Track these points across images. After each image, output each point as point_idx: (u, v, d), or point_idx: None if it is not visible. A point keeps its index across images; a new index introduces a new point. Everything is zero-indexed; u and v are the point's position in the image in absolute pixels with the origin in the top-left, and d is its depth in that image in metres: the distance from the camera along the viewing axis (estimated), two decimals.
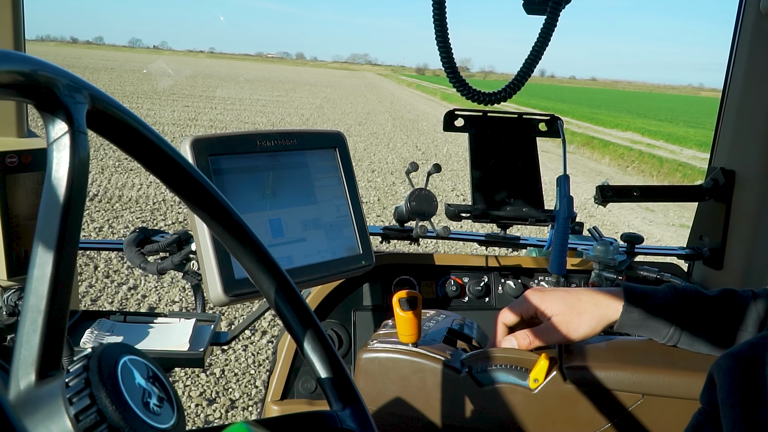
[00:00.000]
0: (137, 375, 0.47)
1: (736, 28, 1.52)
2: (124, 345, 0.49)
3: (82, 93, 0.50)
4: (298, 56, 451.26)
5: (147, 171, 0.60)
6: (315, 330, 0.64)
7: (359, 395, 0.63)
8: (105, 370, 0.44)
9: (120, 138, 0.55)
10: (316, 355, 0.63)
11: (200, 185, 0.61)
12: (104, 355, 0.45)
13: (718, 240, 1.54)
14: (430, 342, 1.10)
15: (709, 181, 1.56)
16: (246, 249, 0.63)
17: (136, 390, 0.46)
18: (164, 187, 0.65)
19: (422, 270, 1.53)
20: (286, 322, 0.65)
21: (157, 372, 0.50)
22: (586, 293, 1.07)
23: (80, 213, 0.48)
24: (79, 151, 0.48)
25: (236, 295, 1.07)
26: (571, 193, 1.40)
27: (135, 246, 1.28)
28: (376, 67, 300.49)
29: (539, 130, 1.57)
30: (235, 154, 1.14)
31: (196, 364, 1.21)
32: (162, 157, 0.58)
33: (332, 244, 1.25)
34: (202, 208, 0.62)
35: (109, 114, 0.53)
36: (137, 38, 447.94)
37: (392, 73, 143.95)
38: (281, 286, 0.64)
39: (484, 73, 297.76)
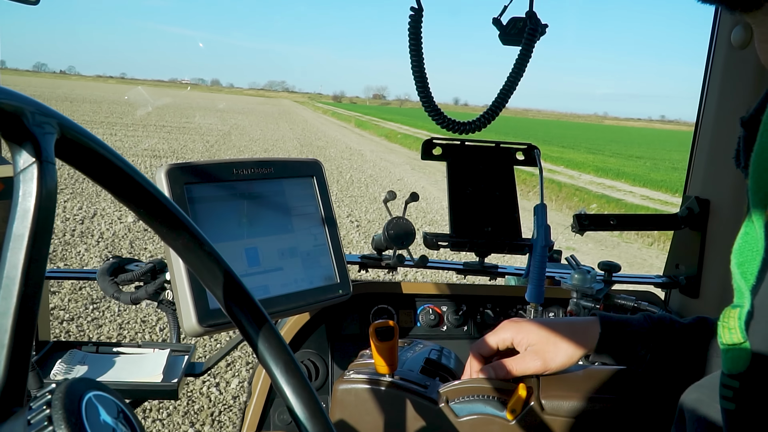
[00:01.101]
0: (102, 411, 0.46)
1: (708, 59, 1.54)
2: (90, 380, 0.48)
3: (51, 122, 0.49)
4: (213, 83, 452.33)
5: (118, 201, 0.59)
6: (287, 362, 0.63)
7: (333, 430, 0.62)
8: (68, 407, 0.43)
9: (90, 168, 0.54)
10: (289, 388, 0.62)
11: (172, 214, 0.60)
12: (68, 391, 0.44)
13: (693, 268, 1.56)
14: (407, 372, 1.09)
15: (684, 210, 1.57)
16: (217, 279, 0.62)
17: (101, 427, 0.45)
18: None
19: (400, 299, 1.53)
20: (259, 354, 0.63)
21: (124, 408, 0.49)
22: (562, 323, 1.07)
23: (47, 245, 0.47)
24: (47, 182, 0.47)
25: (211, 326, 1.05)
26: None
27: (108, 275, 1.27)
28: (293, 94, 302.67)
29: (516, 159, 1.58)
30: (211, 183, 1.14)
31: (170, 396, 1.18)
32: (133, 186, 0.57)
33: (309, 273, 1.24)
34: (173, 237, 0.61)
35: (79, 143, 0.52)
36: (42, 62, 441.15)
37: (309, 100, 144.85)
38: (253, 317, 0.63)
39: (400, 101, 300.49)
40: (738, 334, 0.62)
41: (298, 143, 21.36)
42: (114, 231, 7.07)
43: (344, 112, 63.24)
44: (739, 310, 0.62)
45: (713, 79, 1.51)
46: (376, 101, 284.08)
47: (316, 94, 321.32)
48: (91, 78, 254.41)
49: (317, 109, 71.33)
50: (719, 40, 1.49)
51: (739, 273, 0.62)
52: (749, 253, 0.61)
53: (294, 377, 0.62)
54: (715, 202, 1.51)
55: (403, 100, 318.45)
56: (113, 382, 1.17)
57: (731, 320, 0.62)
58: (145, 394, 1.20)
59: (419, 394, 1.03)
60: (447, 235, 1.51)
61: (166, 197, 0.59)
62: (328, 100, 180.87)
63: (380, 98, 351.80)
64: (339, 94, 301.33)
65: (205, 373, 1.31)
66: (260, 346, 0.63)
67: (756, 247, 0.61)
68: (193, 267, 0.63)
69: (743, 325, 0.62)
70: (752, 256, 0.61)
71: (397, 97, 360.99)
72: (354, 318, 1.48)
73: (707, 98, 1.54)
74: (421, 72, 1.19)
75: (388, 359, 1.03)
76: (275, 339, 0.63)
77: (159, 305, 1.28)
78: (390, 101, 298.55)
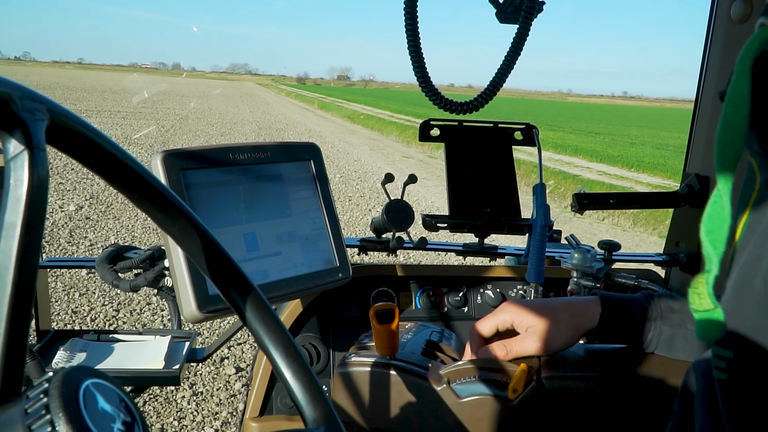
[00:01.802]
0: (101, 399, 0.46)
1: (707, 34, 1.53)
2: (88, 368, 0.47)
3: (40, 108, 0.49)
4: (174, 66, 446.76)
5: (112, 187, 0.58)
6: (287, 346, 0.62)
7: (334, 413, 0.62)
8: (66, 395, 0.43)
9: (82, 154, 0.54)
10: (290, 372, 0.62)
11: (167, 200, 0.59)
12: (65, 380, 0.44)
13: (694, 246, 1.55)
14: (408, 354, 1.09)
15: (684, 188, 1.56)
16: (214, 264, 0.62)
17: (100, 415, 0.45)
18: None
19: (400, 281, 1.52)
20: (258, 339, 0.63)
21: (123, 395, 0.49)
22: (562, 303, 1.07)
23: (40, 232, 0.47)
24: (38, 169, 0.47)
25: (211, 311, 1.05)
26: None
27: (107, 263, 1.26)
28: (256, 76, 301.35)
29: (515, 138, 1.58)
30: (207, 168, 1.13)
31: (172, 382, 1.19)
32: (126, 172, 0.56)
33: (308, 258, 1.24)
34: (169, 223, 0.60)
35: (70, 129, 0.52)
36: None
37: (272, 82, 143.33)
38: (251, 302, 0.63)
39: (365, 81, 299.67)
40: (707, 300, 0.63)
41: (257, 126, 20.98)
42: (54, 220, 6.93)
43: (308, 94, 62.52)
44: (707, 275, 0.64)
45: (713, 54, 1.50)
46: (341, 82, 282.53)
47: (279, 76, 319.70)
48: (47, 64, 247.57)
49: (280, 92, 70.62)
50: (719, 15, 1.47)
51: (708, 240, 0.64)
52: (717, 221, 0.64)
53: (294, 361, 0.62)
54: (714, 179, 1.51)
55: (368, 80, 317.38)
56: (115, 369, 1.17)
57: (700, 286, 0.64)
58: (147, 381, 1.20)
59: (420, 376, 1.03)
60: (446, 216, 1.51)
61: (161, 182, 0.58)
62: (291, 82, 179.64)
63: (345, 79, 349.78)
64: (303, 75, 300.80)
65: (207, 359, 1.31)
66: (259, 331, 0.63)
67: (723, 215, 0.64)
68: (189, 252, 0.62)
69: (711, 290, 0.63)
70: (720, 223, 0.64)
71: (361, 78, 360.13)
72: (354, 301, 1.48)
73: (707, 74, 1.53)
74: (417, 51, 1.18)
75: (388, 342, 1.03)
76: (274, 323, 0.63)
77: (158, 292, 1.28)
78: (355, 82, 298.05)
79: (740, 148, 0.64)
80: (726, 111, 0.64)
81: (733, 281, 0.66)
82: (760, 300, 0.62)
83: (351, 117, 30.71)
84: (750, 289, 0.63)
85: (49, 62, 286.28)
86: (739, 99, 0.63)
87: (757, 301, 0.62)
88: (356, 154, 15.66)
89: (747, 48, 0.63)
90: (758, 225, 0.65)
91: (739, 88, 0.63)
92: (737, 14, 1.40)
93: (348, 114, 32.59)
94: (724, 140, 0.64)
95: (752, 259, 0.63)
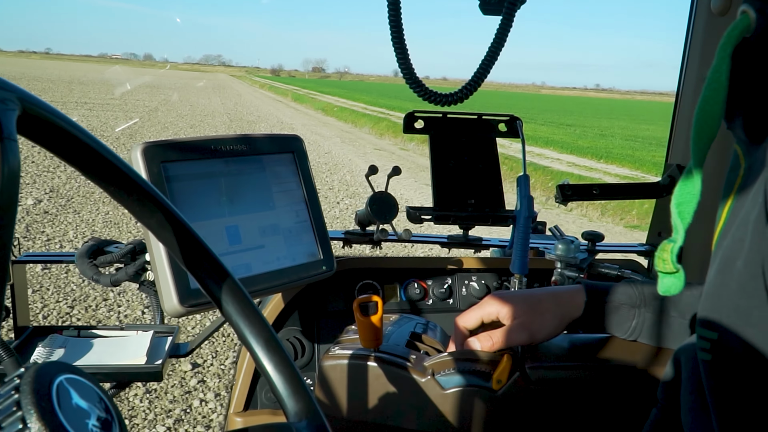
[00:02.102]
0: (75, 395, 0.45)
1: (688, 27, 1.53)
2: (61, 363, 0.46)
3: (11, 97, 0.47)
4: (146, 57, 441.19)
5: (87, 178, 0.57)
6: (268, 339, 0.62)
7: (316, 406, 0.61)
8: (38, 391, 0.42)
9: (55, 144, 0.53)
10: (271, 365, 0.61)
11: (144, 191, 0.58)
12: (37, 375, 0.43)
13: None
14: (392, 347, 1.09)
15: (666, 178, 1.57)
16: (193, 257, 0.61)
17: (74, 411, 0.44)
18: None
19: (385, 274, 1.52)
20: (239, 333, 0.62)
21: (99, 391, 0.48)
22: (547, 293, 1.07)
23: (11, 225, 0.46)
24: (9, 160, 0.45)
25: (193, 306, 1.04)
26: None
27: (87, 258, 1.24)
28: (229, 68, 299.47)
29: (499, 130, 1.57)
30: (188, 161, 1.12)
31: (154, 378, 1.17)
32: (101, 163, 0.55)
33: (292, 251, 1.23)
34: (147, 215, 0.59)
35: (43, 119, 0.51)
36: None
37: (246, 74, 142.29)
38: (232, 295, 0.62)
39: (340, 73, 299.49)
40: (670, 265, 0.69)
41: (228, 119, 20.74)
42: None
43: (282, 86, 62.10)
44: (673, 245, 0.69)
45: (693, 46, 1.50)
46: (316, 74, 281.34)
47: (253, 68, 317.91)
48: (12, 54, 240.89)
49: (254, 83, 70.04)
50: (699, 8, 1.47)
51: (677, 212, 0.70)
52: (687, 196, 0.69)
53: (275, 355, 0.61)
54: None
55: (343, 72, 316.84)
56: (96, 365, 1.15)
57: (665, 253, 0.70)
58: (128, 377, 1.19)
59: (404, 368, 1.02)
60: (430, 208, 1.50)
61: (137, 173, 0.57)
62: (266, 74, 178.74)
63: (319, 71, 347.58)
64: (277, 67, 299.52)
65: (190, 353, 1.30)
66: (240, 324, 0.62)
67: (692, 191, 0.69)
68: (168, 245, 0.61)
69: (674, 258, 0.69)
70: (689, 198, 0.69)
71: (336, 70, 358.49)
72: (339, 294, 1.48)
73: (688, 66, 1.53)
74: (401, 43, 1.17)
75: (372, 334, 1.02)
76: (255, 316, 0.62)
77: (140, 287, 1.27)
78: (329, 74, 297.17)
79: (714, 130, 0.67)
80: (704, 94, 0.66)
81: (717, 264, 0.68)
82: (741, 281, 0.64)
83: (324, 109, 30.57)
84: (732, 271, 0.65)
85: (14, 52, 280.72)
86: (717, 84, 0.65)
87: (739, 282, 0.64)
88: (327, 146, 15.57)
89: (728, 35, 0.66)
90: (741, 209, 0.67)
91: (718, 74, 0.65)
92: (717, 7, 1.39)
93: (322, 106, 32.44)
94: (700, 122, 0.67)
95: (734, 241, 0.65)
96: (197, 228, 0.63)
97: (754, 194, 0.65)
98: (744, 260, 0.63)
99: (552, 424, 1.03)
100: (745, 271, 0.63)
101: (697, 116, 0.67)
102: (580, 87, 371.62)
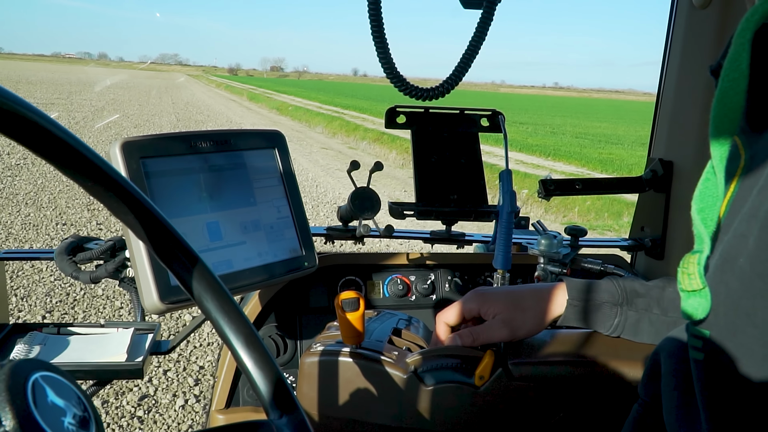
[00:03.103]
0: (50, 392, 0.44)
1: (669, 21, 1.54)
2: (37, 360, 0.46)
3: None
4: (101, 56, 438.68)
5: (63, 174, 0.56)
6: (248, 336, 0.61)
7: (297, 403, 0.61)
8: (12, 389, 0.41)
9: (28, 138, 0.52)
10: (251, 361, 0.61)
11: (122, 187, 0.57)
12: (12, 373, 0.42)
13: (658, 230, 1.57)
14: (375, 343, 1.08)
15: (648, 173, 1.58)
16: (172, 253, 0.60)
17: (49, 408, 0.43)
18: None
19: (367, 270, 1.52)
20: (219, 329, 0.62)
21: (75, 389, 0.47)
22: (529, 290, 1.07)
23: None
24: None
25: (173, 302, 1.03)
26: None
27: (67, 254, 1.23)
28: (186, 67, 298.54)
29: (481, 125, 1.57)
30: (168, 156, 1.11)
31: (135, 375, 1.16)
32: (76, 157, 0.54)
33: (273, 247, 1.22)
34: (123, 210, 0.58)
35: (14, 113, 0.50)
36: None
37: (203, 74, 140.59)
38: (211, 291, 0.61)
39: (298, 72, 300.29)
40: (697, 280, 0.62)
41: (175, 118, 20.52)
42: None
43: (239, 86, 61.85)
44: (699, 255, 0.62)
45: (675, 40, 1.51)
46: (274, 73, 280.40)
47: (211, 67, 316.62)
48: None
49: (210, 83, 69.60)
50: (680, 2, 1.48)
51: (699, 219, 0.63)
52: (709, 199, 0.63)
53: (254, 351, 0.61)
54: (678, 164, 1.52)
55: (301, 71, 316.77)
56: (75, 363, 1.14)
57: (691, 266, 0.63)
58: (109, 375, 1.18)
59: (387, 364, 1.02)
60: (413, 204, 1.50)
61: (113, 168, 0.56)
62: (223, 73, 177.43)
63: (278, 70, 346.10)
64: (235, 66, 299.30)
65: (171, 351, 1.29)
66: (219, 321, 0.62)
67: (715, 193, 0.62)
68: (146, 241, 0.61)
69: (702, 270, 0.62)
70: (712, 201, 0.62)
71: (294, 69, 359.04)
72: (321, 291, 1.47)
73: (669, 60, 1.54)
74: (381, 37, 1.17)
75: (354, 330, 1.02)
76: (234, 312, 0.62)
77: (120, 283, 1.25)
78: (288, 73, 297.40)
79: (736, 123, 0.62)
80: (722, 85, 0.61)
81: (716, 259, 0.64)
82: (744, 279, 0.60)
83: (279, 108, 30.43)
84: (734, 268, 0.61)
85: None
86: (737, 73, 0.61)
87: (741, 280, 0.60)
88: None
89: (747, 20, 0.61)
90: (743, 203, 0.62)
91: (737, 62, 0.61)
92: (699, 0, 1.40)
93: (276, 105, 32.30)
94: (720, 115, 0.62)
95: (737, 237, 0.61)
96: (177, 224, 0.62)
97: (761, 188, 0.60)
98: (748, 258, 0.59)
99: (535, 420, 1.03)
100: (750, 269, 0.59)
101: (716, 110, 0.62)
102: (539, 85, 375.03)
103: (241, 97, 41.56)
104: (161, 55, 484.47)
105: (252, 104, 35.10)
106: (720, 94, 0.61)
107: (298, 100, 39.06)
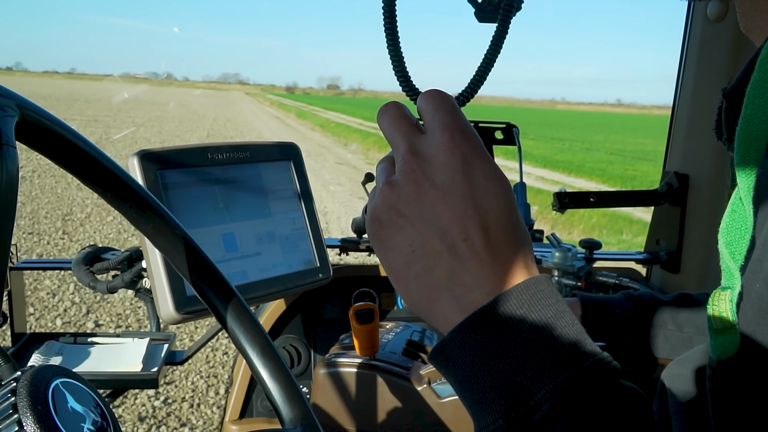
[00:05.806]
0: (71, 398, 0.45)
1: (684, 34, 1.54)
2: (58, 367, 0.46)
3: (10, 104, 0.47)
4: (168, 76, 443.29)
5: (85, 185, 0.57)
6: (264, 346, 0.62)
7: (311, 413, 0.61)
8: (34, 395, 0.42)
9: (54, 151, 0.53)
10: (266, 371, 0.61)
11: (142, 199, 0.59)
12: (33, 379, 0.43)
13: (674, 243, 1.56)
14: (389, 354, 1.09)
15: (664, 186, 1.57)
16: (189, 263, 0.61)
17: (69, 414, 0.44)
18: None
19: (381, 281, 1.52)
20: (235, 340, 0.62)
21: (94, 395, 0.48)
22: None
23: (9, 231, 0.46)
24: (8, 166, 0.46)
25: (189, 313, 1.04)
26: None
27: (84, 264, 1.24)
28: (246, 86, 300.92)
29: (495, 138, 1.58)
30: (185, 168, 1.12)
31: (150, 385, 1.17)
32: (99, 170, 0.55)
33: (288, 258, 1.23)
34: (143, 221, 0.60)
35: (41, 126, 0.51)
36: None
37: (261, 92, 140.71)
38: (228, 302, 0.62)
39: (354, 90, 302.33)
40: (729, 318, 0.59)
41: (206, 135, 20.61)
42: None
43: (291, 103, 62.09)
44: (730, 292, 0.59)
45: (690, 53, 1.51)
46: (330, 91, 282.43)
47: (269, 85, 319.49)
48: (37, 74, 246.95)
49: (265, 101, 69.91)
50: (695, 15, 1.48)
51: (728, 253, 0.59)
52: (737, 232, 0.59)
53: (270, 361, 0.61)
54: (694, 177, 1.52)
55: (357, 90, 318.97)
56: (92, 372, 1.15)
57: (722, 303, 0.59)
58: (124, 384, 1.19)
59: (401, 376, 1.02)
60: None
61: (134, 180, 0.57)
62: (281, 92, 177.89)
63: (334, 88, 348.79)
64: (292, 85, 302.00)
65: (186, 361, 1.30)
66: (236, 331, 0.62)
67: (744, 225, 0.59)
68: (165, 252, 0.62)
69: (734, 307, 0.58)
70: (741, 234, 0.59)
71: (350, 87, 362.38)
72: (335, 302, 1.48)
73: (684, 73, 1.54)
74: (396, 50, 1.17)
75: (368, 342, 1.02)
76: (251, 323, 0.62)
77: (136, 294, 1.26)
78: (344, 91, 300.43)
79: (761, 152, 0.58)
80: (747, 113, 0.58)
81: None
82: (761, 305, 0.56)
83: (323, 125, 30.56)
84: (749, 294, 0.57)
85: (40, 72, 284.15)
86: (763, 101, 0.57)
87: (758, 306, 0.57)
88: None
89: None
90: (761, 229, 0.59)
91: (762, 89, 0.57)
92: (714, 13, 1.41)
93: (320, 122, 32.43)
94: (745, 144, 0.58)
95: (751, 261, 0.58)
96: (194, 235, 0.63)
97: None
98: (765, 282, 0.56)
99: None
100: (767, 293, 0.55)
101: (741, 139, 0.58)
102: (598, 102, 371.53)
103: (287, 114, 41.61)
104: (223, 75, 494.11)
105: (296, 120, 35.22)
106: (744, 122, 0.58)
107: (342, 116, 39.04)
